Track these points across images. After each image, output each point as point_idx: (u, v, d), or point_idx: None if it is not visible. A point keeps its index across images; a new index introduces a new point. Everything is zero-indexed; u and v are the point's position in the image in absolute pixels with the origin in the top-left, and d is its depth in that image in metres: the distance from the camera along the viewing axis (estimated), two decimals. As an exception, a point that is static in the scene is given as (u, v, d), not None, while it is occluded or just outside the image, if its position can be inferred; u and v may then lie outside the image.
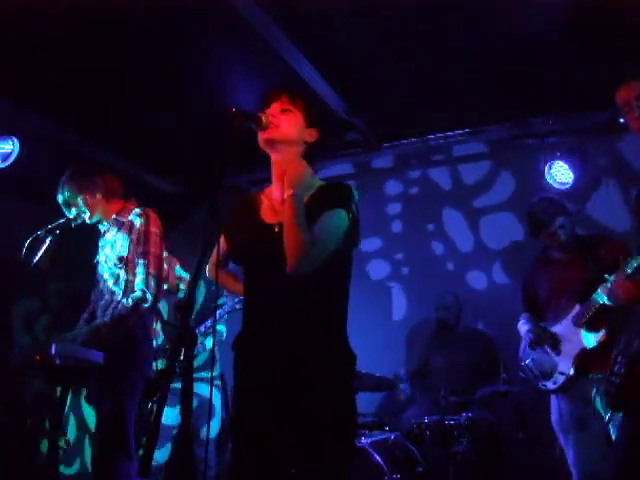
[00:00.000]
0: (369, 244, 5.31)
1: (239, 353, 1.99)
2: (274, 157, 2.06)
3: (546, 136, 4.65)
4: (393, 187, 5.47)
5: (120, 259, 3.06)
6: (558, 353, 3.19)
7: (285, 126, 2.00)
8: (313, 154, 2.07)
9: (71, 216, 3.21)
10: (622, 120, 2.39)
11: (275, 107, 2.03)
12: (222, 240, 2.14)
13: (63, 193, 3.20)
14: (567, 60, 3.83)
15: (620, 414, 2.35)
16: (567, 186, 4.36)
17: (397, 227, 5.40)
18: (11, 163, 4.04)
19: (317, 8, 3.38)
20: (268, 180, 2.11)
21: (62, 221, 3.19)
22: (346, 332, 1.97)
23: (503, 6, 3.37)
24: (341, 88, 4.25)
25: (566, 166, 4.34)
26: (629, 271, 2.56)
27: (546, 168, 4.40)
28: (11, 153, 4.04)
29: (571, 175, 4.33)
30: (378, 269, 5.35)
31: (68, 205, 3.20)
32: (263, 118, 1.97)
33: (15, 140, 4.06)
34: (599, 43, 3.61)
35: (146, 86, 4.12)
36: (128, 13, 3.23)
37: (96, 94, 4.11)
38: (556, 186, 4.39)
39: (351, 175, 5.53)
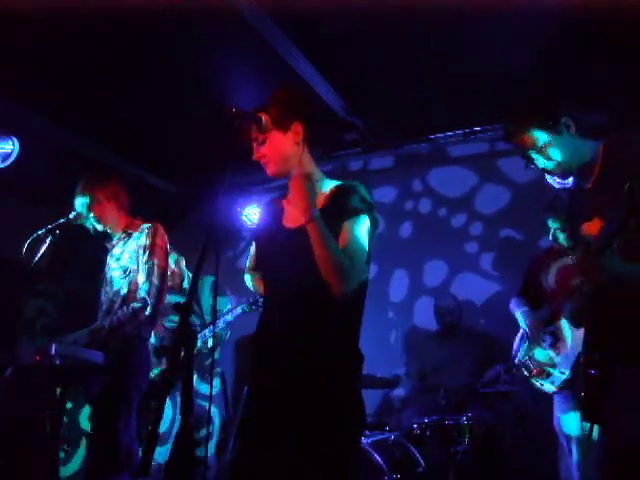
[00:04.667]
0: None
1: (253, 352, 2.00)
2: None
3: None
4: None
5: (125, 270, 3.09)
6: (558, 352, 3.17)
7: (270, 154, 2.02)
8: (314, 144, 2.06)
9: (71, 216, 3.20)
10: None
11: (252, 139, 2.02)
12: (253, 247, 2.19)
13: (77, 195, 3.23)
14: (567, 60, 3.83)
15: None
16: (567, 186, 4.34)
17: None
18: (11, 163, 4.04)
19: (318, 9, 3.37)
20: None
21: (62, 221, 3.19)
22: (358, 334, 1.97)
23: (504, 6, 3.37)
24: (341, 88, 4.25)
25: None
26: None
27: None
28: (11, 153, 4.03)
29: (571, 175, 4.32)
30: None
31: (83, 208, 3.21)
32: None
33: (15, 140, 4.05)
34: (599, 43, 3.61)
35: (146, 86, 4.11)
36: (128, 13, 3.23)
37: (97, 94, 4.11)
38: (556, 186, 4.37)
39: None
